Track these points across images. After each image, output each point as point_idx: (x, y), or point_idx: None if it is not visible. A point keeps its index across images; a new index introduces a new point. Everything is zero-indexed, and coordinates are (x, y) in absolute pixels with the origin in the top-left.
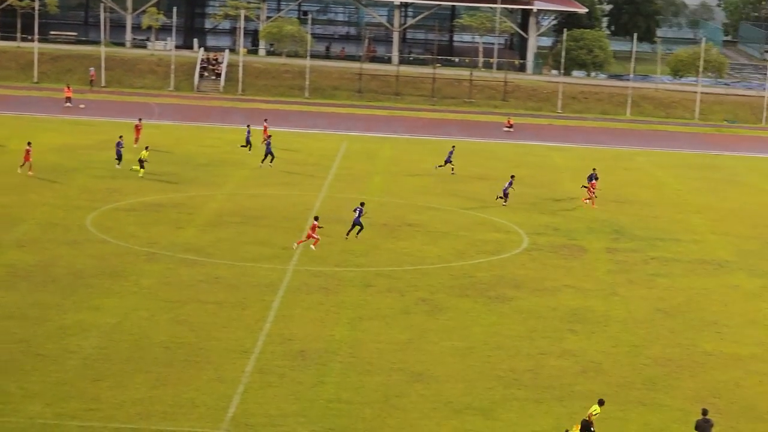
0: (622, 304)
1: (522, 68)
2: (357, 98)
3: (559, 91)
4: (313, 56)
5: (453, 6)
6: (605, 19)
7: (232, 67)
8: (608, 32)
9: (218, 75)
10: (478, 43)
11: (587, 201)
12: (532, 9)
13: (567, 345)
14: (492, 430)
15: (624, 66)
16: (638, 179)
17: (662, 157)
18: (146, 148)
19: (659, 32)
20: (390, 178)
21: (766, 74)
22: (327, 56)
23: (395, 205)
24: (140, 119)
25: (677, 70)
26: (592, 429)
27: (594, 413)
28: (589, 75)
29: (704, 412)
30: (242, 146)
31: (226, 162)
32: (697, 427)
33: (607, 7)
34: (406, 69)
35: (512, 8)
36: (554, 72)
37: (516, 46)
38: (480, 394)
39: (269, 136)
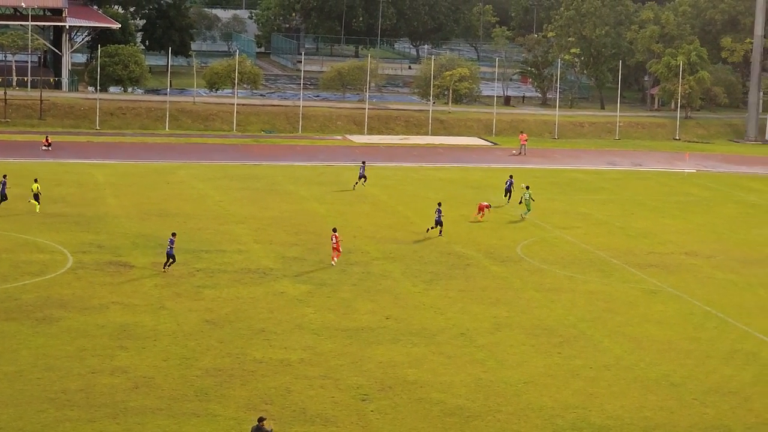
0: (170, 317)
1: (58, 86)
2: None
3: (96, 108)
4: None
5: None
6: (139, 35)
7: None
8: (143, 47)
9: None
10: (11, 61)
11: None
12: (64, 26)
13: (118, 362)
14: None
15: (161, 80)
16: (181, 192)
17: (203, 170)
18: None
19: (194, 46)
20: None
21: (300, 84)
22: None
23: None
24: None
25: (213, 83)
26: None
27: None
28: (125, 90)
29: (260, 420)
30: None
31: None
32: None
33: (141, 23)
34: None
35: (44, 25)
36: (90, 89)
37: (50, 63)
38: (32, 418)
39: None
